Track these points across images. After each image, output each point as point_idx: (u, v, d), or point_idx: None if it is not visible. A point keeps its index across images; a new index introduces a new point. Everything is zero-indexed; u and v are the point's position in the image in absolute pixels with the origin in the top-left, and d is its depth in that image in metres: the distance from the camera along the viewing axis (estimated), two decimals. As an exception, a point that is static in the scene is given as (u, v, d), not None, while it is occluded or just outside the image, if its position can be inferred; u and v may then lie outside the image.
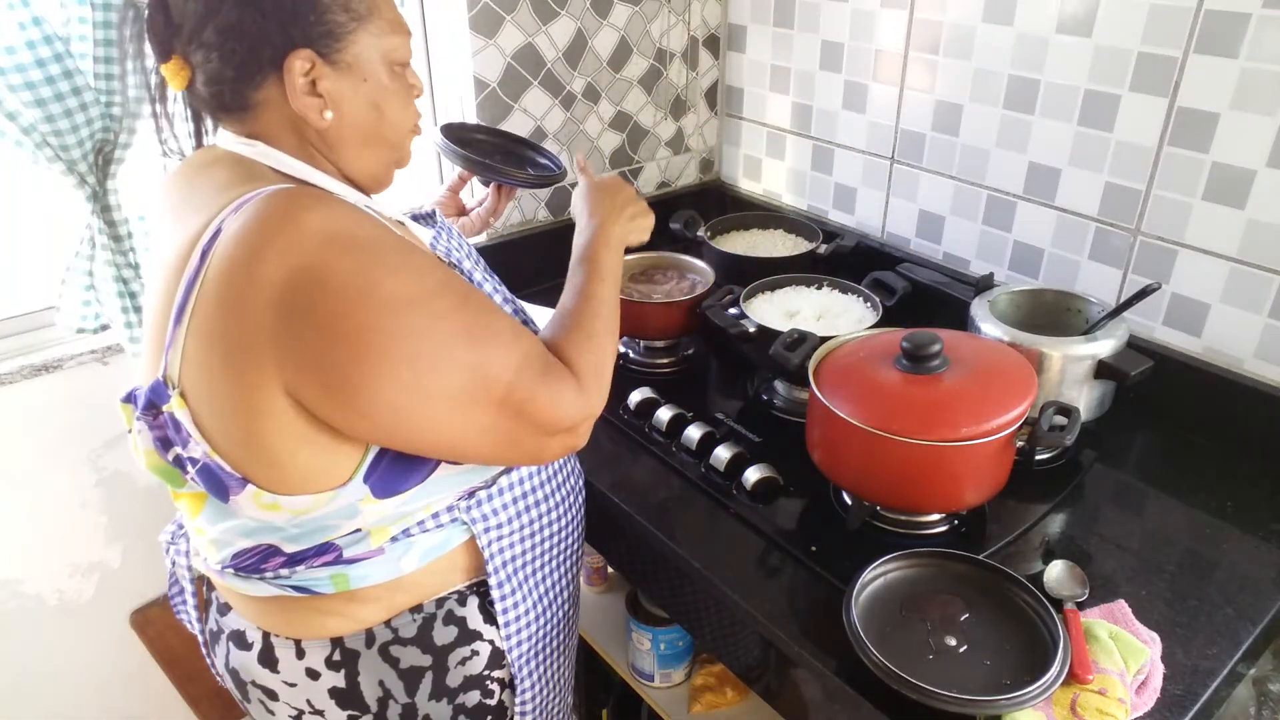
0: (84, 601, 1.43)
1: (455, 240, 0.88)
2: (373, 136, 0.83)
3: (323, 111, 0.78)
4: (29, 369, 1.27)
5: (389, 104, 0.83)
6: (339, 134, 0.81)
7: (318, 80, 0.77)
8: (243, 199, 0.71)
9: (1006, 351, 1.01)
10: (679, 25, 1.70)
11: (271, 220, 0.68)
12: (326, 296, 0.66)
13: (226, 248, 0.68)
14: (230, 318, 0.68)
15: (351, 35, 0.78)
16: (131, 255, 1.23)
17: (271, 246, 0.66)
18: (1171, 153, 1.14)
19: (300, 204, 0.69)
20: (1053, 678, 0.76)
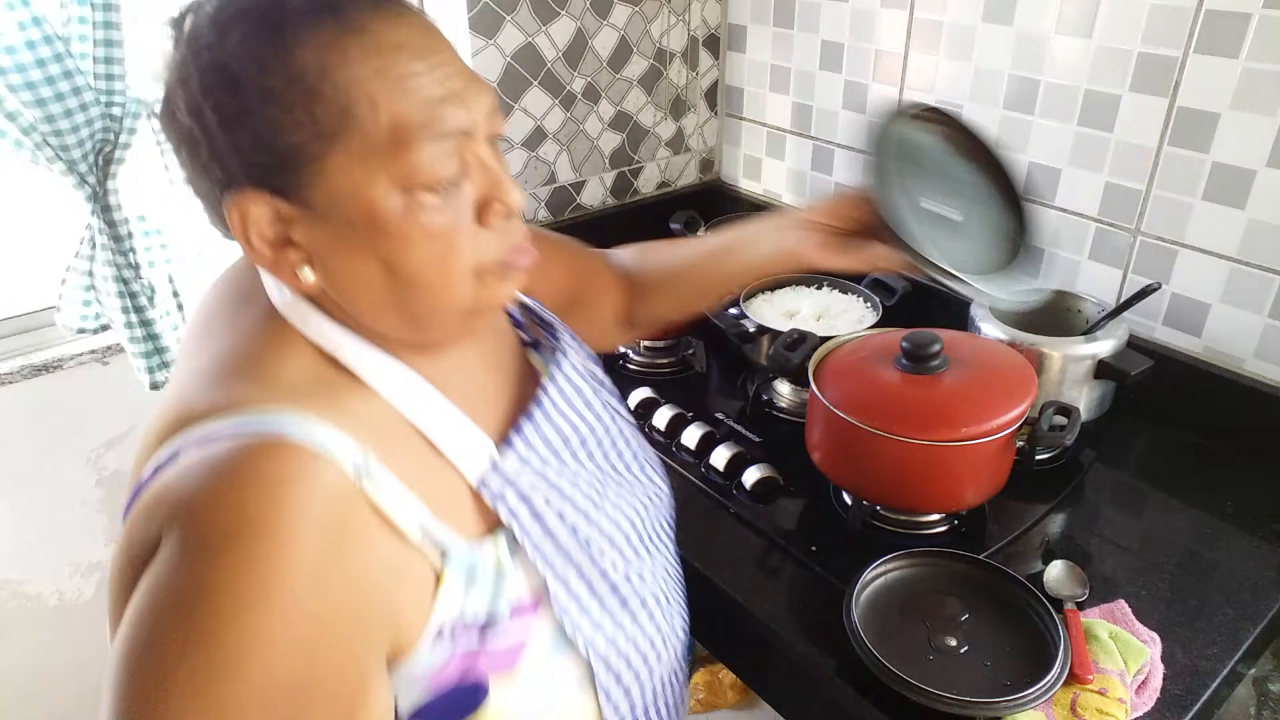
0: (84, 601, 1.43)
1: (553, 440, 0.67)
2: (392, 300, 0.58)
3: (297, 270, 0.56)
4: (29, 369, 1.27)
5: (406, 256, 0.56)
6: (337, 296, 0.58)
7: (290, 225, 0.55)
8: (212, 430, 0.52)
9: (1006, 351, 1.01)
10: (679, 25, 1.70)
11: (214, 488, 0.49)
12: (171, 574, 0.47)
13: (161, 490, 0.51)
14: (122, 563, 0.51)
15: (318, 162, 0.53)
16: (131, 255, 1.23)
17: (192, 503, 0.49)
18: (1171, 153, 1.14)
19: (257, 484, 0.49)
20: (1053, 679, 0.76)
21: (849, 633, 0.81)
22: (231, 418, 0.53)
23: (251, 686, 0.46)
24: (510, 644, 0.60)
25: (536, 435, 0.67)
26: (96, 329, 1.28)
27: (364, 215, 0.54)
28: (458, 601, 0.57)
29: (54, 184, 1.16)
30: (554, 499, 0.65)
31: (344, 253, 0.55)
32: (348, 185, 0.53)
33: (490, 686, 0.58)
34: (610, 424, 0.76)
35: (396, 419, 0.60)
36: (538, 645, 0.61)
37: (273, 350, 0.58)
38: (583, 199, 1.71)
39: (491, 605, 0.59)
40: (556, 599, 0.62)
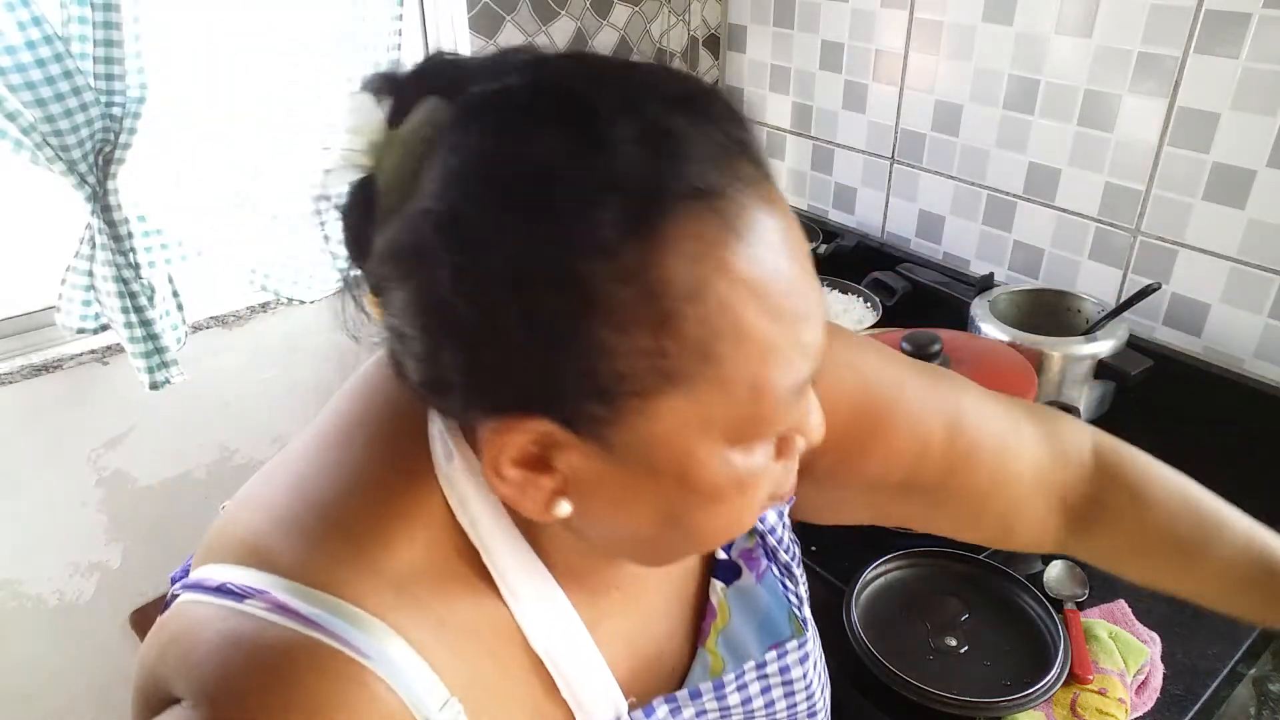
0: (84, 601, 1.43)
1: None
2: (649, 547, 0.45)
3: (554, 502, 0.41)
4: (29, 369, 1.27)
5: (702, 513, 0.42)
6: (582, 530, 0.45)
7: (556, 449, 0.39)
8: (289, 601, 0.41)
9: (1006, 351, 1.01)
10: (679, 25, 1.70)
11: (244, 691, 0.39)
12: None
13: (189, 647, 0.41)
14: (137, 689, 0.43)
15: (646, 401, 0.37)
16: (131, 255, 1.23)
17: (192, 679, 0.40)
18: (1171, 153, 1.14)
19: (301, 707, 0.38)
20: (1053, 679, 0.76)
21: (849, 633, 0.81)
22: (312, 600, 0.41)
23: None
24: None
25: (690, 708, 0.53)
26: (96, 329, 1.27)
27: (676, 468, 0.39)
28: None
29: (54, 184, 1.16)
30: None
31: (624, 497, 0.41)
32: (672, 434, 0.38)
33: None
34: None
35: (516, 641, 0.47)
36: None
37: (401, 518, 0.44)
38: (583, 199, 1.71)
39: None
40: None
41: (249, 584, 0.41)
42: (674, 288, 0.35)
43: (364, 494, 0.44)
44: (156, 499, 1.44)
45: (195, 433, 1.44)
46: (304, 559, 0.42)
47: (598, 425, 0.38)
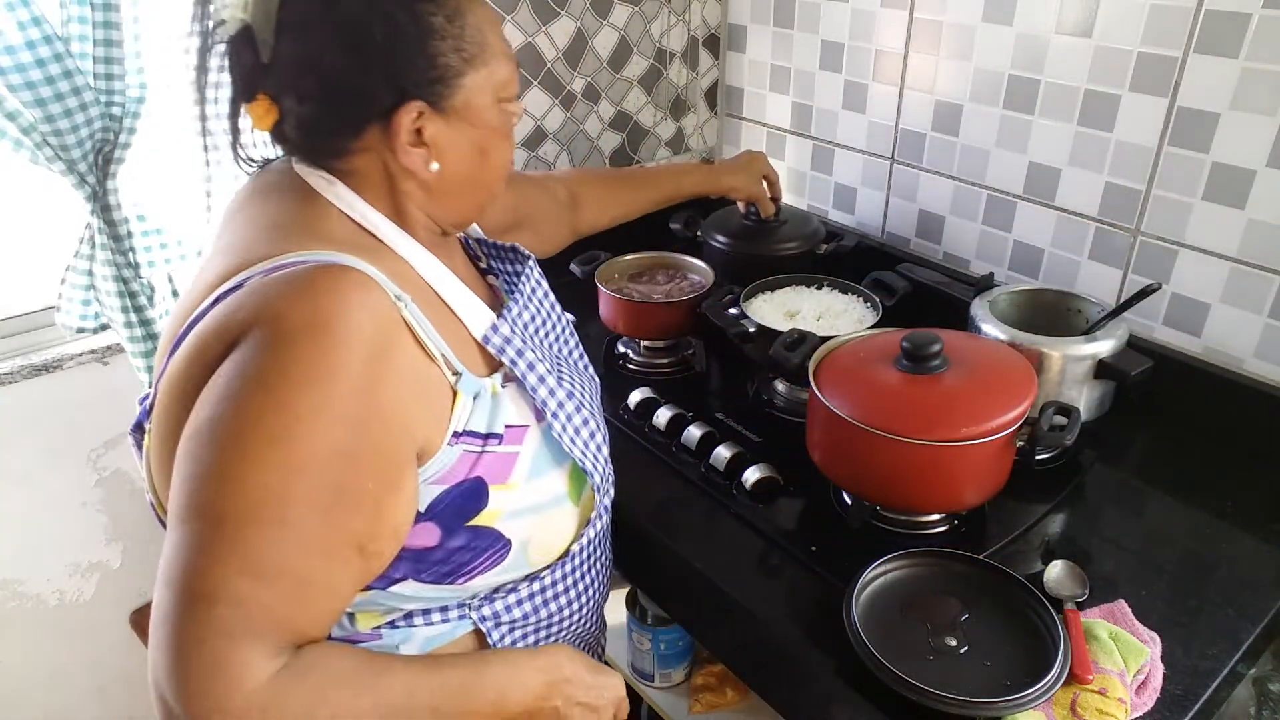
0: (84, 601, 1.43)
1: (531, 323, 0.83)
2: (473, 182, 0.78)
3: (429, 163, 0.73)
4: (29, 369, 1.27)
5: (495, 147, 0.78)
6: (442, 184, 0.76)
7: (424, 129, 0.71)
8: (280, 263, 0.66)
9: (1006, 351, 1.01)
10: (679, 25, 1.70)
11: (285, 297, 0.62)
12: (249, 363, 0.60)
13: (232, 305, 0.64)
14: (191, 364, 0.64)
15: (462, 78, 0.72)
16: (131, 255, 1.23)
17: (260, 310, 0.62)
18: (1171, 153, 1.14)
19: (327, 293, 0.62)
20: (1053, 679, 0.76)
21: (849, 632, 0.81)
22: (293, 256, 0.66)
23: (316, 445, 0.59)
24: (505, 455, 0.75)
25: (519, 315, 0.83)
26: (96, 329, 1.28)
27: (483, 117, 0.74)
28: (466, 413, 0.72)
29: (54, 184, 1.16)
30: (536, 359, 0.80)
31: (460, 144, 0.74)
32: (476, 96, 0.73)
33: (490, 492, 0.73)
34: (561, 321, 0.92)
35: (420, 281, 0.75)
36: (525, 462, 0.76)
37: (317, 218, 0.72)
38: (583, 199, 1.71)
39: (489, 422, 0.74)
40: (554, 423, 0.78)
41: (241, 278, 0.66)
42: (460, 14, 0.71)
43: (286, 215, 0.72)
44: (156, 499, 1.44)
45: (195, 433, 1.44)
46: (272, 247, 0.68)
47: (443, 99, 0.72)
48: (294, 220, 0.72)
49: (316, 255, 0.67)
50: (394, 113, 0.70)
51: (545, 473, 0.78)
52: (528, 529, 0.77)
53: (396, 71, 0.69)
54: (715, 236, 1.47)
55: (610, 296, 1.31)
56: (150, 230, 1.26)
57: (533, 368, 0.78)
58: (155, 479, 0.71)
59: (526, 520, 0.77)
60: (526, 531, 0.77)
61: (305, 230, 0.71)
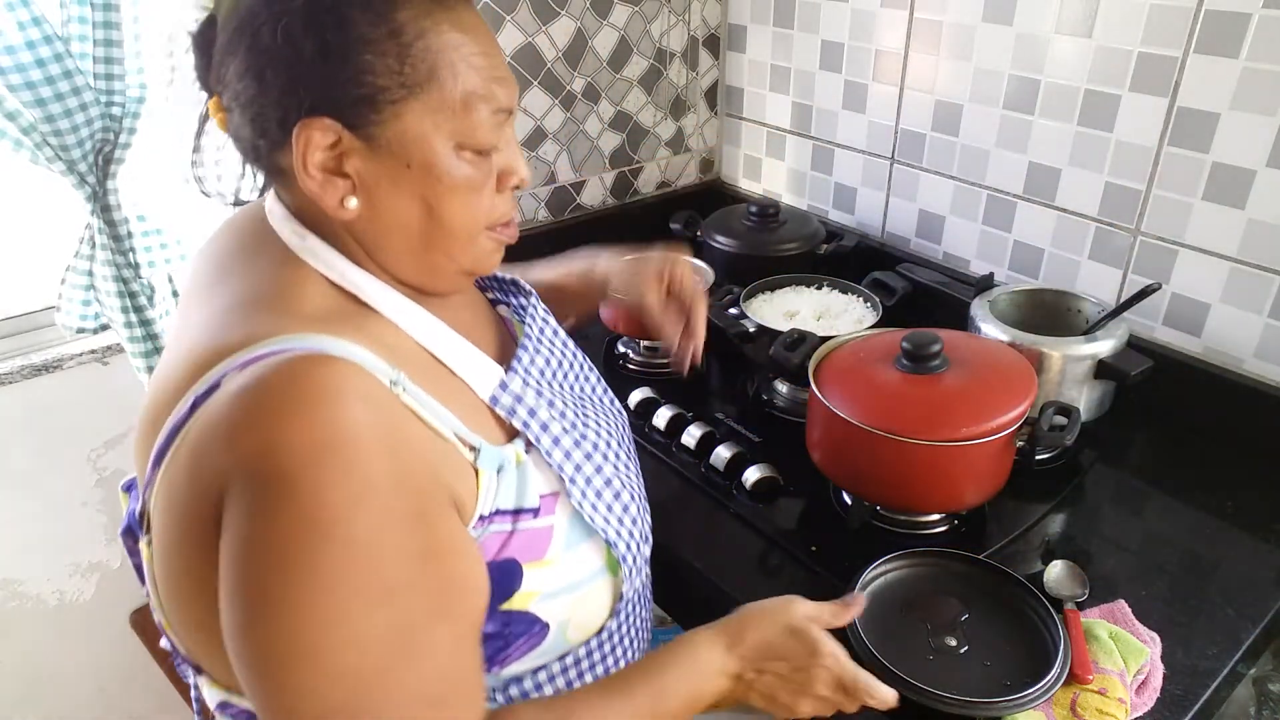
0: (84, 601, 1.43)
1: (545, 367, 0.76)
2: (419, 240, 0.66)
3: (344, 199, 0.62)
4: (29, 369, 1.27)
5: (447, 202, 0.64)
6: (372, 229, 0.65)
7: (345, 157, 0.61)
8: (253, 354, 0.57)
9: (1006, 351, 1.01)
10: (679, 25, 1.70)
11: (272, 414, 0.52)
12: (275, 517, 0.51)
13: (212, 418, 0.55)
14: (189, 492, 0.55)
15: (396, 106, 0.61)
16: (131, 255, 1.23)
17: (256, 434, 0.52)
18: (1171, 153, 1.14)
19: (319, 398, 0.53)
20: (1053, 679, 0.77)
21: (848, 632, 0.81)
22: (269, 343, 0.57)
23: (394, 567, 0.53)
24: (539, 530, 0.67)
25: (530, 363, 0.75)
26: (96, 329, 1.28)
27: (422, 159, 0.62)
28: (493, 490, 0.65)
29: (54, 184, 1.16)
30: (553, 413, 0.73)
31: (393, 189, 0.63)
32: (416, 132, 0.62)
33: (525, 571, 0.66)
34: (576, 357, 0.85)
35: (414, 346, 0.67)
36: (560, 535, 0.69)
37: (294, 286, 0.64)
38: (583, 199, 1.71)
39: (519, 495, 0.67)
40: (573, 491, 0.70)
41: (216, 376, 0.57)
42: (408, 31, 0.60)
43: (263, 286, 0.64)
44: (156, 499, 1.44)
45: (195, 433, 1.44)
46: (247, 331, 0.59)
47: (370, 126, 0.60)
48: (269, 289, 0.64)
49: (291, 342, 0.58)
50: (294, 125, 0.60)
51: (581, 543, 0.71)
52: (566, 609, 0.70)
53: (308, 77, 0.59)
54: (715, 236, 1.47)
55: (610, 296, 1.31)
56: (150, 230, 1.25)
57: (546, 428, 0.70)
58: (165, 601, 0.62)
59: (564, 600, 0.69)
60: (565, 612, 0.70)
61: (280, 304, 0.63)
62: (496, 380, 0.70)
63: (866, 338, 1.06)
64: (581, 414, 0.79)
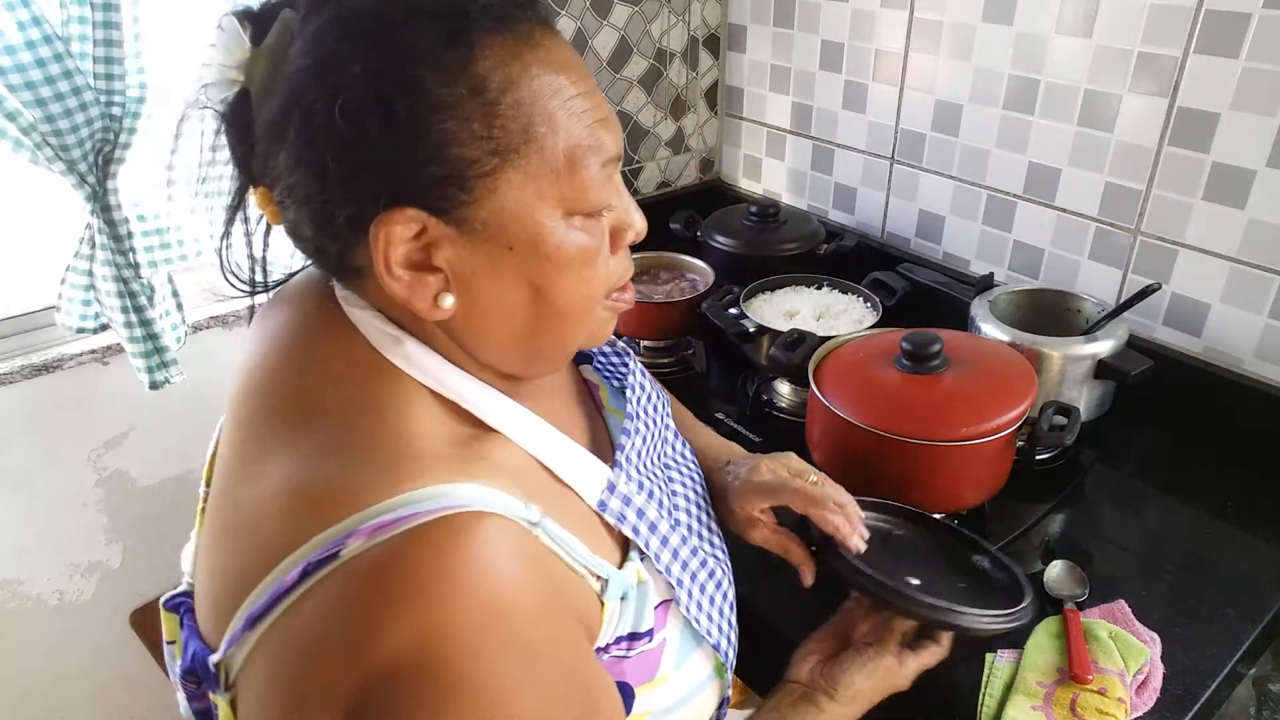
0: (84, 601, 1.43)
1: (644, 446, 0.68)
2: (527, 328, 0.56)
3: (438, 297, 0.52)
4: (29, 369, 1.27)
5: (559, 282, 0.54)
6: (469, 325, 0.55)
7: (433, 248, 0.51)
8: (385, 519, 0.46)
9: (1006, 351, 1.01)
10: (679, 25, 1.70)
11: (429, 594, 0.44)
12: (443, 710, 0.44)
13: (345, 603, 0.45)
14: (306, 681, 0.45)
15: (490, 179, 0.50)
16: (131, 255, 1.23)
17: (405, 626, 0.44)
18: (1171, 153, 1.14)
19: (478, 567, 0.46)
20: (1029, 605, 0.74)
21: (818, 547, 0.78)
22: (395, 505, 0.47)
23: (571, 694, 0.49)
24: (651, 651, 0.61)
25: (633, 449, 0.67)
26: (96, 329, 1.27)
27: (527, 237, 0.52)
28: (615, 620, 0.58)
29: (54, 184, 1.16)
30: (652, 504, 0.65)
31: (494, 277, 0.53)
32: (517, 205, 0.51)
33: (636, 695, 0.60)
34: (666, 417, 0.76)
35: (528, 460, 0.58)
36: (671, 650, 0.63)
37: (401, 411, 0.53)
38: (583, 199, 1.71)
39: (635, 621, 0.60)
40: (681, 597, 0.63)
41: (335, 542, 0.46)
42: (491, 83, 0.49)
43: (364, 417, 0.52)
44: (156, 499, 1.44)
45: (195, 433, 1.44)
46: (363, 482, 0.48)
47: (460, 208, 0.50)
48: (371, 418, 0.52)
49: (422, 501, 0.47)
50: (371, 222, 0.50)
51: (691, 654, 0.65)
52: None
53: (385, 164, 0.48)
54: (715, 236, 1.47)
55: (610, 296, 1.31)
56: (150, 230, 1.25)
57: (655, 529, 0.63)
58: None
59: (675, 716, 0.64)
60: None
61: (393, 440, 0.51)
62: (604, 482, 0.61)
63: (866, 338, 1.06)
64: (669, 489, 0.72)
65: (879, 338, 1.04)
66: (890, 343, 1.00)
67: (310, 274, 0.64)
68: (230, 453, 0.57)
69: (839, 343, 1.07)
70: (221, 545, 0.53)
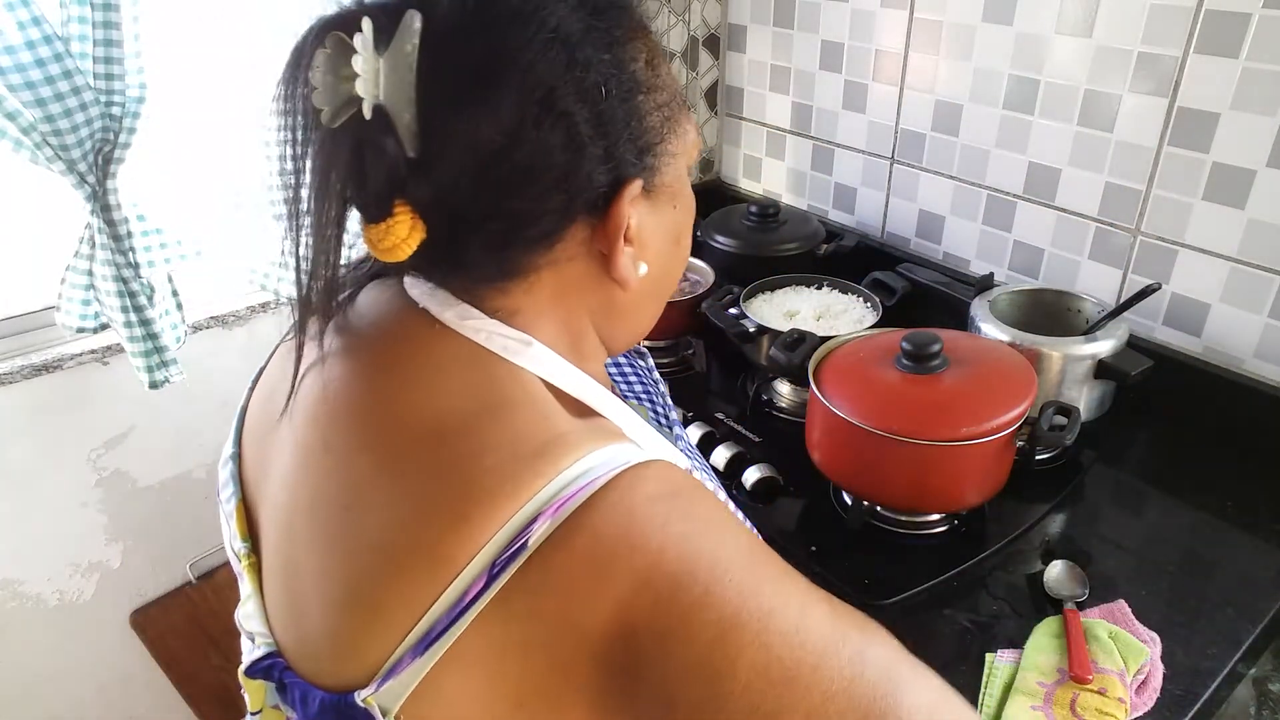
0: (84, 601, 1.43)
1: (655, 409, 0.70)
2: (667, 282, 0.59)
3: (638, 266, 0.53)
4: (29, 369, 1.27)
5: (688, 230, 0.59)
6: (638, 292, 0.55)
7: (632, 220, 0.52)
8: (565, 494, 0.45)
9: (1006, 351, 1.01)
10: (679, 25, 1.70)
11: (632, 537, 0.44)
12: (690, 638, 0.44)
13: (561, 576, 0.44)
14: (537, 668, 0.44)
15: (666, 144, 0.53)
16: (131, 255, 1.23)
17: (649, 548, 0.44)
18: (1171, 153, 1.14)
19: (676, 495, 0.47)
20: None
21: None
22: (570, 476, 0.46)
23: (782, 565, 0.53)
24: None
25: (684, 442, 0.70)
26: (96, 329, 1.27)
27: (684, 193, 0.56)
28: None
29: (54, 183, 1.16)
30: None
31: (660, 237, 0.55)
32: (677, 167, 0.55)
33: None
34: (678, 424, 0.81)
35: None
36: None
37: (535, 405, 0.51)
38: (583, 199, 1.71)
39: None
40: None
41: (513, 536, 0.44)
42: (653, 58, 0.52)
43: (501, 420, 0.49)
44: (156, 499, 1.44)
45: (195, 433, 1.44)
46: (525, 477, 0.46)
47: (652, 175, 0.52)
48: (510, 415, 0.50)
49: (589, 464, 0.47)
50: (614, 200, 0.50)
51: None
52: None
53: (612, 141, 0.49)
54: (715, 236, 1.47)
55: (610, 296, 1.31)
56: (150, 230, 1.25)
57: None
58: None
59: None
60: None
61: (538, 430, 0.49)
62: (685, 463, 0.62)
63: (866, 338, 1.06)
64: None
65: (879, 338, 1.04)
66: (890, 343, 1.00)
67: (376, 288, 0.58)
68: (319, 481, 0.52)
69: (839, 343, 1.07)
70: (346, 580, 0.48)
